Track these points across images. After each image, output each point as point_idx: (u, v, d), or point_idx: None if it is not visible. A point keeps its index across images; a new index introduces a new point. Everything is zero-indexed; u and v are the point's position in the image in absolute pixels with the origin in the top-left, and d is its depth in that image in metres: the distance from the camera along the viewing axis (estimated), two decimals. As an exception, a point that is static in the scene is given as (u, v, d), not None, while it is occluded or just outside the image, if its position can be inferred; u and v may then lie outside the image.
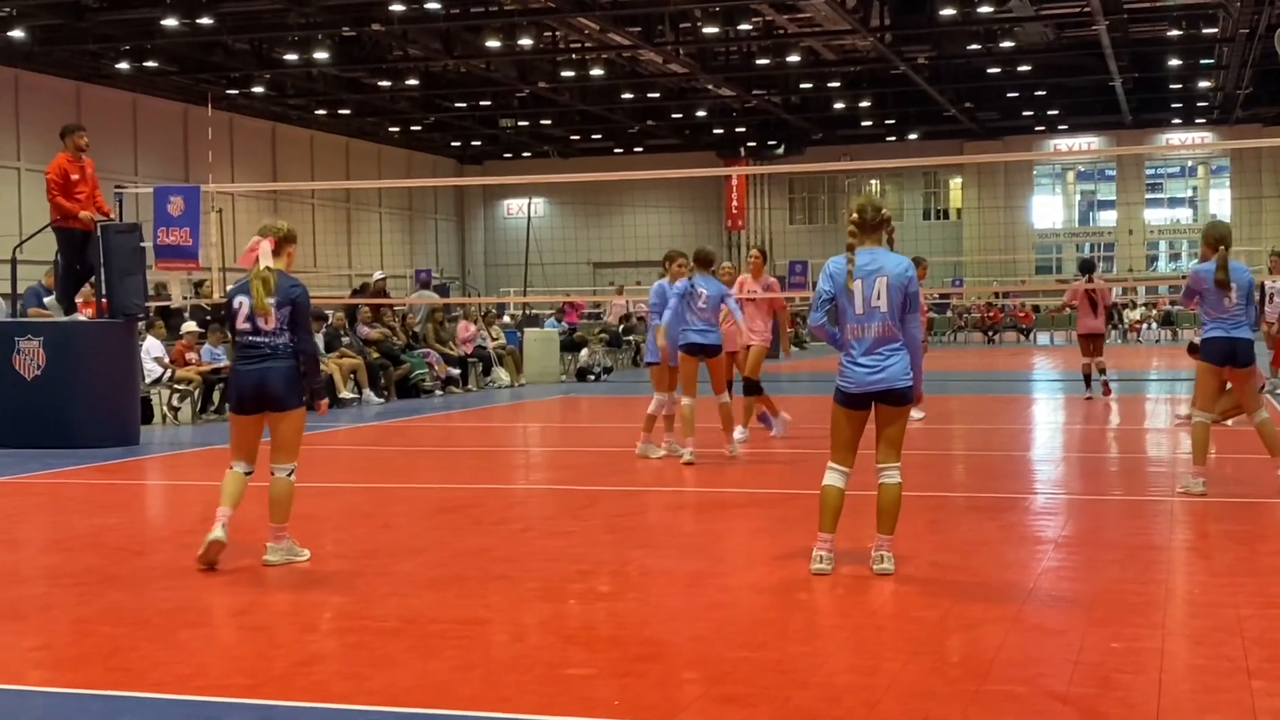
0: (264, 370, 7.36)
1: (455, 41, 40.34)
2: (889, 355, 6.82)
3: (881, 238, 6.98)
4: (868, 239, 6.95)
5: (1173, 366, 28.43)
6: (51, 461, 12.43)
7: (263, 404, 7.41)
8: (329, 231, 55.37)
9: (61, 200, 14.11)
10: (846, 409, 6.93)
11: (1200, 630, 5.82)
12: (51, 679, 5.34)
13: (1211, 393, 9.70)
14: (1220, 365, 9.52)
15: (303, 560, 7.40)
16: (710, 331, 12.08)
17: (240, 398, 7.49)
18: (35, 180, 38.62)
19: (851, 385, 6.88)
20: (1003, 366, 27.87)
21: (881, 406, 6.89)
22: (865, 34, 38.54)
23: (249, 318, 7.42)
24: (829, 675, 5.15)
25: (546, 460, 13.73)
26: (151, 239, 16.02)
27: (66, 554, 8.08)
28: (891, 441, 6.91)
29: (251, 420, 7.50)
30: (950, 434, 14.33)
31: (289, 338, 7.42)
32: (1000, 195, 60.91)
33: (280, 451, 7.44)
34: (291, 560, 7.38)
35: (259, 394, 7.38)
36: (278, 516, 7.39)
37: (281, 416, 7.40)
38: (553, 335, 27.53)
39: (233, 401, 7.60)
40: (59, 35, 38.01)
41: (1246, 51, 39.88)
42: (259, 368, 7.38)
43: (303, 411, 7.47)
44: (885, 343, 6.83)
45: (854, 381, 6.87)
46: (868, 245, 6.94)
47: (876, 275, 6.82)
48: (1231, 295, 9.34)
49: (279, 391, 7.34)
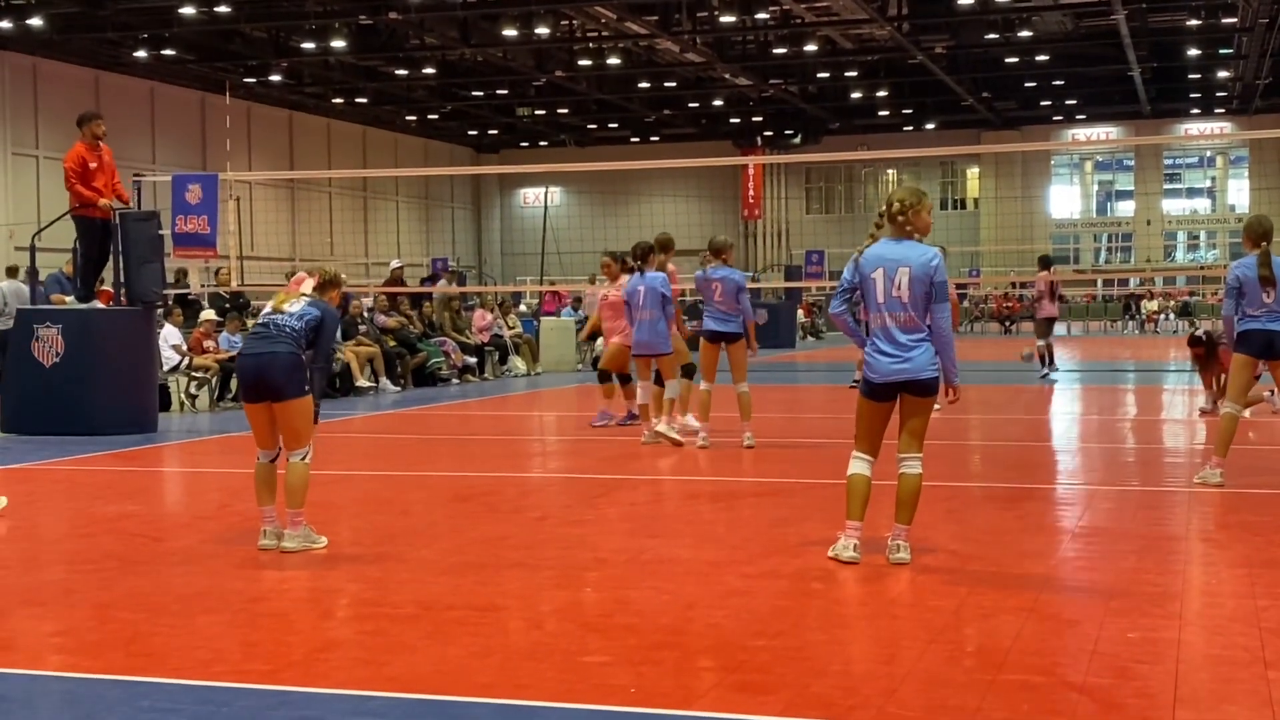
0: (263, 357, 7.36)
1: (472, 30, 40.35)
2: (913, 346, 6.77)
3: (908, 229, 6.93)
4: (898, 230, 6.91)
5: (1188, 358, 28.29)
6: (70, 448, 12.48)
7: (263, 393, 7.41)
8: (346, 220, 55.49)
9: (80, 188, 14.13)
10: (871, 400, 6.90)
11: (1217, 621, 5.81)
12: (72, 664, 5.36)
13: (1245, 385, 9.66)
14: (1258, 357, 9.48)
15: (319, 548, 7.41)
16: (729, 320, 12.11)
17: (244, 385, 7.54)
18: (54, 168, 38.63)
19: (876, 375, 6.84)
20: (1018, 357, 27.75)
21: (906, 397, 6.85)
22: (883, 23, 38.46)
23: (270, 314, 7.53)
24: (846, 663, 5.16)
25: (562, 449, 13.74)
26: (170, 227, 16.06)
27: (86, 540, 8.12)
28: (914, 432, 6.88)
29: (260, 408, 7.49)
30: (967, 424, 14.30)
31: (305, 333, 7.42)
32: (1018, 185, 60.71)
33: (292, 439, 7.44)
34: (309, 547, 7.39)
35: (258, 382, 7.39)
36: (294, 502, 7.40)
37: (284, 407, 7.37)
38: (569, 324, 27.52)
39: (240, 390, 7.63)
40: (77, 23, 38.12)
41: (1266, 41, 39.68)
42: (258, 354, 7.38)
43: (307, 400, 7.42)
44: (909, 333, 6.78)
45: (878, 371, 6.83)
46: (895, 235, 6.91)
47: (900, 265, 6.78)
48: (1274, 290, 9.31)
49: (278, 380, 7.32)
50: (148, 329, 15.04)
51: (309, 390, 7.43)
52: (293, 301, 7.52)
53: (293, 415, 7.39)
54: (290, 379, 7.34)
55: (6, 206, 40.40)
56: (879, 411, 6.92)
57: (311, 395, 7.47)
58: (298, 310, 7.47)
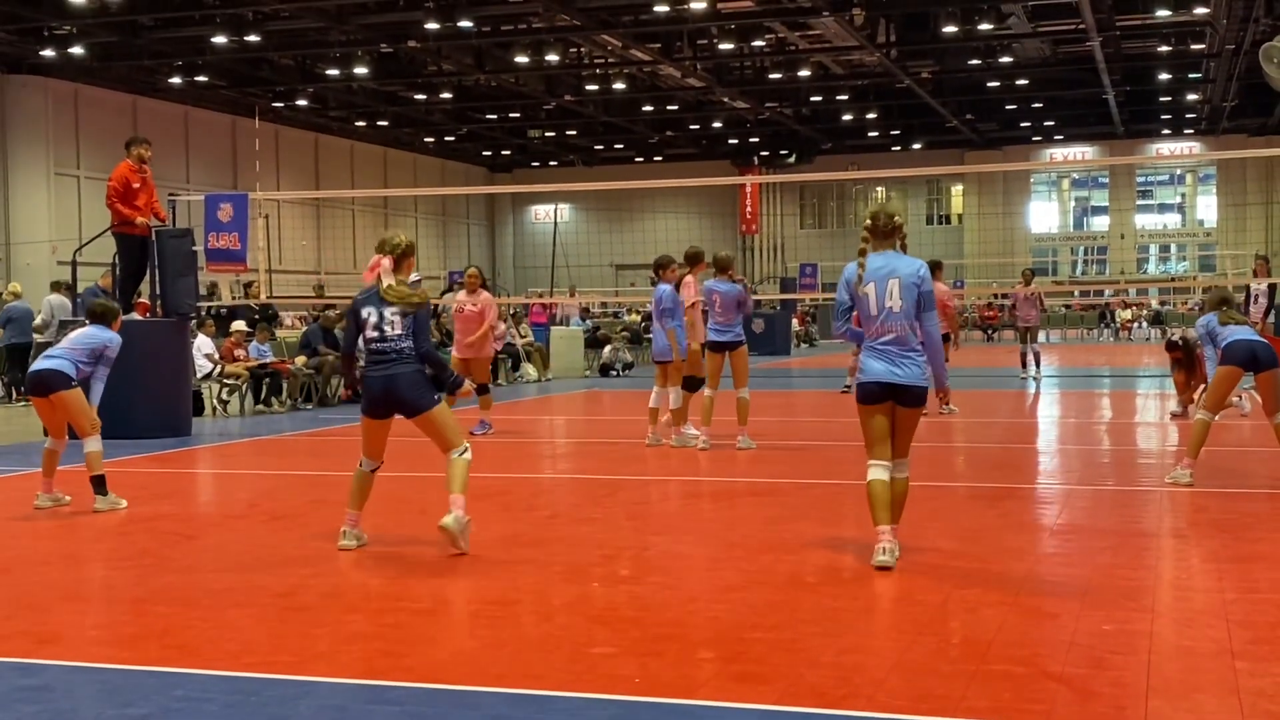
0: (390, 376, 7.25)
1: (486, 57, 40.39)
2: (906, 354, 6.69)
3: (895, 243, 6.86)
4: (882, 244, 6.84)
5: (1161, 364, 28.29)
6: (109, 451, 12.38)
7: (391, 408, 7.34)
8: (368, 236, 55.42)
9: (120, 206, 14.17)
10: (869, 405, 6.78)
11: (1188, 613, 5.80)
12: (111, 655, 5.37)
13: (1224, 396, 9.66)
14: (1243, 368, 9.48)
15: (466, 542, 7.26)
16: (727, 330, 12.13)
17: (370, 401, 7.40)
18: (94, 188, 38.86)
19: (870, 378, 6.75)
20: (1002, 364, 27.77)
21: (895, 406, 6.75)
22: (872, 50, 38.45)
23: (376, 325, 7.32)
24: (838, 655, 5.15)
25: (571, 451, 13.74)
26: (203, 243, 16.07)
27: (124, 538, 8.12)
28: (902, 440, 6.81)
29: (381, 424, 7.44)
30: (951, 427, 14.27)
31: (412, 342, 7.31)
32: (999, 202, 60.70)
33: (444, 442, 7.35)
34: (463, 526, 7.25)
35: (387, 398, 7.30)
36: (455, 487, 7.27)
37: (423, 420, 7.29)
38: (577, 333, 27.56)
39: (364, 404, 7.45)
40: (116, 52, 38.21)
41: (1232, 66, 39.65)
42: (386, 373, 7.27)
43: (441, 406, 7.33)
44: (902, 344, 6.70)
45: (872, 376, 6.73)
46: (882, 250, 6.85)
47: (890, 277, 6.70)
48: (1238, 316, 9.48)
49: (408, 396, 7.23)
50: (182, 339, 15.05)
51: (439, 399, 7.35)
52: (392, 322, 7.28)
53: (434, 423, 7.30)
54: (419, 392, 7.25)
55: (50, 224, 40.44)
56: (880, 413, 6.76)
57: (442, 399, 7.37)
58: (399, 331, 7.30)
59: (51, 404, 8.99)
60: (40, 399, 9.05)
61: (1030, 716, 4.35)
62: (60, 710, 4.60)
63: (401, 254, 7.48)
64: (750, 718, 4.39)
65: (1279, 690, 4.60)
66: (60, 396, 8.92)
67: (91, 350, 9.13)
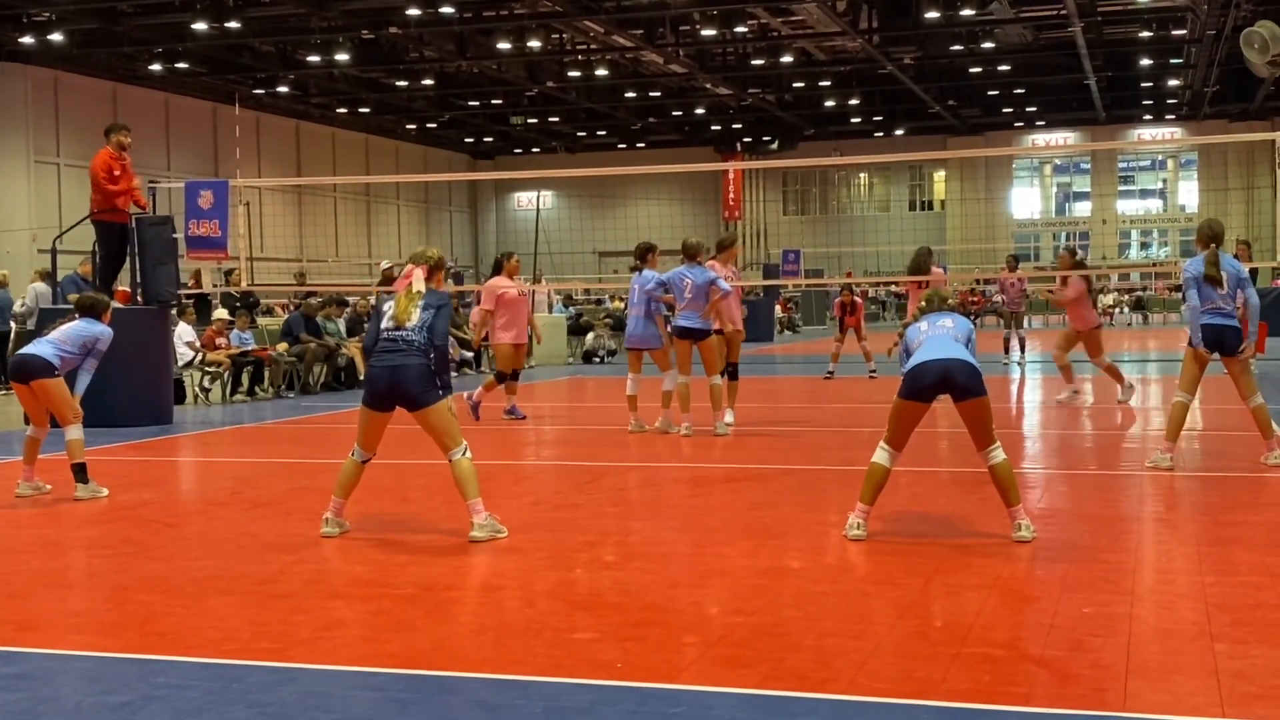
0: (396, 368, 7.18)
1: (468, 43, 40.25)
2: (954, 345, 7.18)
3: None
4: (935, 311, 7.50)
5: (1144, 349, 28.46)
6: (90, 439, 12.35)
7: (394, 401, 7.27)
8: (350, 223, 55.36)
9: (110, 186, 14.16)
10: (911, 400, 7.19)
11: (1166, 596, 5.83)
12: (91, 643, 5.36)
13: (1195, 376, 9.69)
14: (1209, 350, 9.52)
15: (502, 536, 7.23)
16: (695, 316, 12.17)
17: (373, 393, 7.32)
18: (74, 175, 38.70)
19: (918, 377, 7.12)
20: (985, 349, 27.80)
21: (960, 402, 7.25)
22: (854, 35, 38.45)
23: (393, 316, 7.32)
24: (819, 638, 5.17)
25: (554, 437, 13.74)
26: (183, 231, 16.02)
27: (105, 526, 8.10)
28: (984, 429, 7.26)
29: (380, 416, 7.37)
30: (934, 412, 14.28)
31: (426, 334, 7.25)
32: (981, 188, 60.78)
33: (444, 441, 7.27)
34: (495, 536, 7.19)
35: (391, 391, 7.23)
36: (469, 494, 7.25)
37: (423, 415, 7.21)
38: (560, 320, 27.52)
39: (366, 395, 7.38)
40: (96, 38, 37.97)
41: (1213, 51, 39.74)
42: (391, 364, 7.20)
43: (444, 403, 7.24)
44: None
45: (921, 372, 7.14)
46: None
47: (943, 318, 7.38)
48: (1222, 288, 9.41)
49: (413, 390, 7.15)
50: (163, 327, 15.00)
51: (442, 395, 7.25)
52: (412, 312, 7.28)
53: (436, 420, 7.22)
54: (424, 388, 7.17)
55: (30, 212, 40.21)
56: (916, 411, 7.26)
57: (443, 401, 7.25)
58: (417, 323, 7.25)
59: (33, 391, 8.96)
60: (21, 385, 9.02)
61: (1010, 698, 4.37)
62: (40, 698, 4.58)
63: (433, 266, 7.58)
64: (732, 701, 4.40)
65: (1257, 672, 4.63)
66: (41, 384, 8.89)
67: (82, 343, 9.10)
